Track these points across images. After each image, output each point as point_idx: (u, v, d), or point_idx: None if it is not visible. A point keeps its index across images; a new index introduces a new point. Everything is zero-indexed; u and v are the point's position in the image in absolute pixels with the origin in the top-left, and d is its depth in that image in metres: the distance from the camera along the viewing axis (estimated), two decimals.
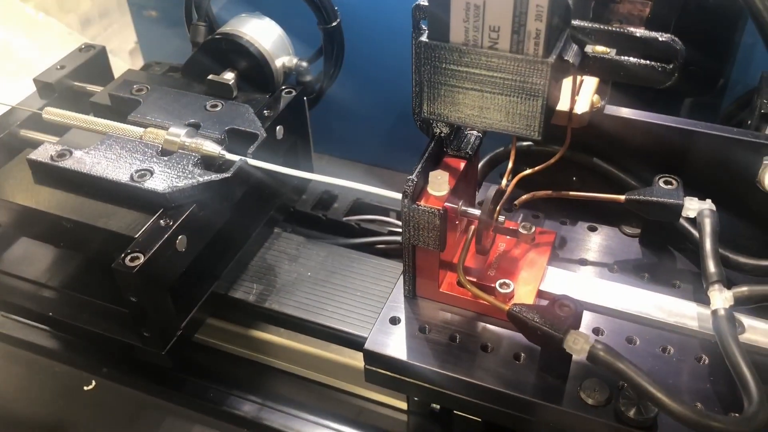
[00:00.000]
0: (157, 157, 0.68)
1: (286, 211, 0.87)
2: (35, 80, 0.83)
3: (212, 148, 0.68)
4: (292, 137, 0.79)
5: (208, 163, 0.68)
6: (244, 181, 0.69)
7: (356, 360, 0.75)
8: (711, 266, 0.59)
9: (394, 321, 0.63)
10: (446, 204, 0.58)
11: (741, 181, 0.66)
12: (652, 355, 0.60)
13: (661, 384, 0.50)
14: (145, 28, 1.22)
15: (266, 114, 0.75)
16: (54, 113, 0.76)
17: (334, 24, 0.82)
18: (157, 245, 0.61)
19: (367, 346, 0.62)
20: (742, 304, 0.58)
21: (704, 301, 0.62)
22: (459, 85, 0.52)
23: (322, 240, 0.86)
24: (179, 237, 0.63)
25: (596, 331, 0.62)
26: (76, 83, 0.84)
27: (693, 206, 0.62)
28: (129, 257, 0.60)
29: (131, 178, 0.66)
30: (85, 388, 0.80)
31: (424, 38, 0.52)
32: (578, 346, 0.52)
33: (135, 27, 1.22)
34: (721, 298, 0.57)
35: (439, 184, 0.58)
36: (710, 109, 0.87)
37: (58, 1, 1.43)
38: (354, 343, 0.74)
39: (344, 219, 0.92)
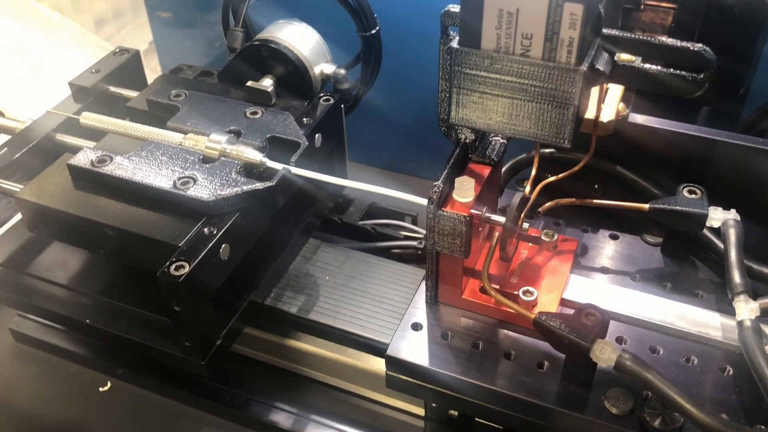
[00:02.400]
0: (199, 164, 0.67)
1: (322, 217, 0.86)
2: (70, 84, 0.82)
3: (253, 155, 0.67)
4: (330, 145, 0.79)
5: (248, 171, 0.67)
6: (286, 189, 0.68)
7: (373, 365, 0.74)
8: (736, 277, 0.59)
9: (416, 327, 0.63)
10: (471, 210, 0.58)
11: (764, 191, 0.66)
12: (676, 365, 0.59)
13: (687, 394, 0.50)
14: (161, 29, 1.23)
15: (305, 121, 0.74)
16: (91, 118, 0.75)
17: (373, 31, 0.81)
18: (202, 254, 0.60)
19: (389, 351, 0.61)
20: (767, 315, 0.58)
21: (728, 311, 0.62)
22: (489, 91, 0.52)
23: (339, 243, 0.86)
24: (222, 245, 0.62)
25: (619, 340, 0.61)
26: (111, 87, 0.83)
27: (717, 216, 0.62)
28: (174, 266, 0.59)
29: (174, 185, 0.64)
30: (101, 389, 0.80)
31: (454, 44, 0.52)
32: (605, 355, 0.52)
33: (151, 27, 1.22)
34: (746, 308, 0.57)
35: (466, 190, 0.58)
36: (729, 118, 0.87)
37: (73, 2, 1.43)
38: (372, 348, 0.74)
39: (360, 223, 0.92)
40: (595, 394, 0.57)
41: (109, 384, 0.80)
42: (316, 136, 0.74)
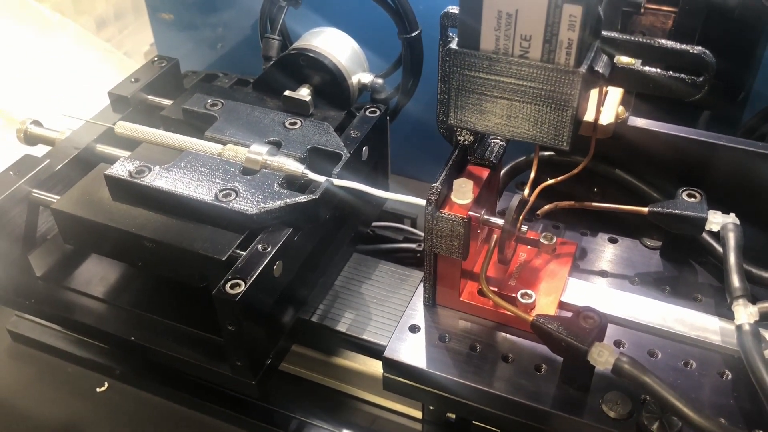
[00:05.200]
0: (239, 175, 0.66)
1: (366, 228, 0.84)
2: (110, 93, 0.80)
3: (295, 167, 0.66)
4: (374, 158, 0.77)
5: (288, 183, 0.66)
6: (329, 201, 0.66)
7: (370, 367, 0.74)
8: (735, 281, 0.58)
9: (414, 329, 0.63)
10: (470, 212, 0.57)
11: (764, 195, 0.65)
12: (674, 369, 0.59)
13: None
14: (162, 30, 1.23)
15: (353, 134, 0.72)
16: (126, 128, 0.74)
17: (414, 34, 0.79)
18: (258, 272, 0.58)
19: (387, 353, 0.61)
20: (767, 319, 0.58)
21: (726, 315, 0.62)
22: (488, 93, 0.52)
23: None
24: (276, 263, 0.61)
25: (617, 343, 0.61)
26: (150, 97, 0.81)
27: (717, 220, 0.62)
28: (229, 284, 0.57)
29: (216, 197, 0.63)
30: (98, 389, 0.80)
31: (453, 45, 0.52)
32: (603, 358, 0.52)
33: (152, 29, 1.22)
34: (745, 313, 0.56)
35: (464, 192, 0.58)
36: (729, 122, 0.87)
37: (74, 3, 1.43)
38: (368, 350, 0.74)
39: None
40: (592, 397, 0.57)
41: (106, 384, 0.80)
42: (364, 149, 0.72)
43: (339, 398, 0.78)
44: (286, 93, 0.77)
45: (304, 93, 0.78)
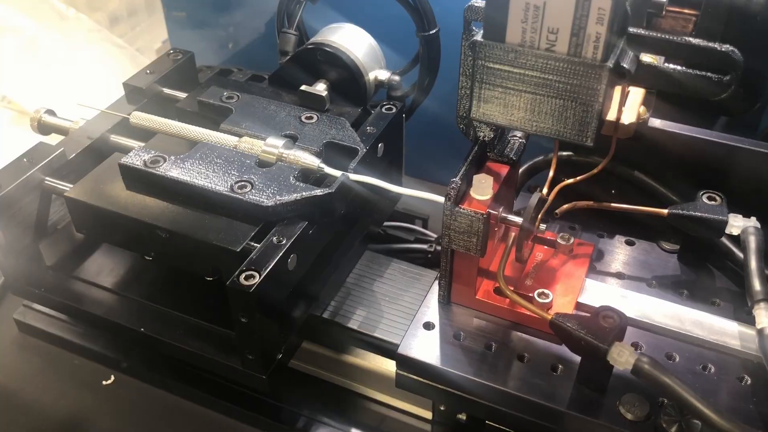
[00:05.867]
0: (255, 168, 0.65)
1: (379, 226, 0.84)
2: (125, 84, 0.80)
3: (311, 161, 0.66)
4: (389, 155, 0.76)
5: (304, 176, 0.66)
6: (344, 196, 0.66)
7: (381, 365, 0.73)
8: (756, 284, 0.58)
9: (428, 326, 0.62)
10: (488, 209, 0.57)
11: None
12: (692, 373, 0.58)
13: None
14: (176, 28, 1.23)
15: (369, 131, 0.72)
16: (142, 118, 0.73)
17: (433, 32, 0.79)
18: (272, 264, 0.58)
19: (401, 350, 0.61)
20: None
21: (745, 320, 0.61)
22: (512, 86, 0.52)
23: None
24: (291, 256, 0.60)
25: (635, 346, 0.60)
26: (165, 89, 0.81)
27: (738, 223, 0.61)
28: (244, 276, 0.56)
29: (231, 188, 0.62)
30: (104, 382, 0.79)
31: (478, 38, 0.51)
32: (623, 358, 0.51)
33: (167, 27, 1.22)
34: (767, 317, 0.56)
35: (483, 187, 0.57)
36: (747, 127, 0.86)
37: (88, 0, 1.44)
38: (380, 348, 0.73)
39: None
40: (609, 399, 0.56)
41: (112, 378, 0.79)
42: (379, 145, 0.72)
43: (348, 397, 0.77)
44: (303, 87, 0.77)
45: (320, 88, 0.77)
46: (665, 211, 0.63)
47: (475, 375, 0.58)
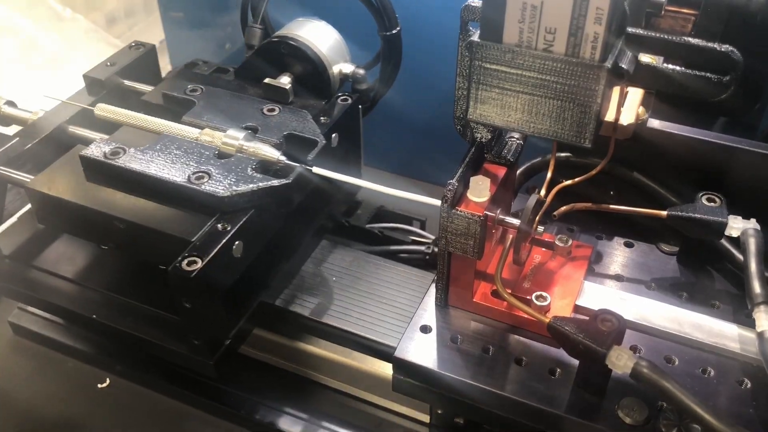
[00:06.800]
0: (214, 159, 0.66)
1: (334, 219, 0.85)
2: (85, 76, 0.80)
3: (270, 152, 0.66)
4: (345, 145, 0.77)
5: (264, 168, 0.66)
6: (302, 187, 0.67)
7: (378, 368, 0.73)
8: (757, 287, 0.57)
9: (425, 329, 0.62)
10: (486, 211, 0.56)
11: None
12: (691, 376, 0.58)
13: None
14: (173, 28, 1.22)
15: (322, 120, 0.73)
16: (106, 110, 0.74)
17: (394, 31, 0.80)
18: (215, 250, 0.59)
19: (397, 353, 0.60)
20: None
21: (745, 323, 0.61)
22: (509, 87, 0.51)
23: (346, 246, 0.85)
24: (236, 242, 0.61)
25: (634, 349, 0.60)
26: (125, 81, 0.81)
27: (737, 225, 0.61)
28: (186, 261, 0.57)
29: (188, 179, 0.63)
30: (99, 386, 0.79)
31: (475, 38, 0.51)
32: (621, 362, 0.50)
33: (164, 27, 1.22)
34: (767, 319, 0.55)
35: (480, 189, 0.57)
36: (745, 128, 0.85)
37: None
38: (376, 351, 0.72)
39: (367, 226, 0.91)
40: (608, 403, 0.55)
41: (107, 381, 0.79)
42: (333, 135, 0.73)
43: (344, 400, 0.76)
44: (267, 80, 0.77)
45: (284, 81, 0.78)
46: (664, 212, 0.62)
47: (472, 379, 0.58)
